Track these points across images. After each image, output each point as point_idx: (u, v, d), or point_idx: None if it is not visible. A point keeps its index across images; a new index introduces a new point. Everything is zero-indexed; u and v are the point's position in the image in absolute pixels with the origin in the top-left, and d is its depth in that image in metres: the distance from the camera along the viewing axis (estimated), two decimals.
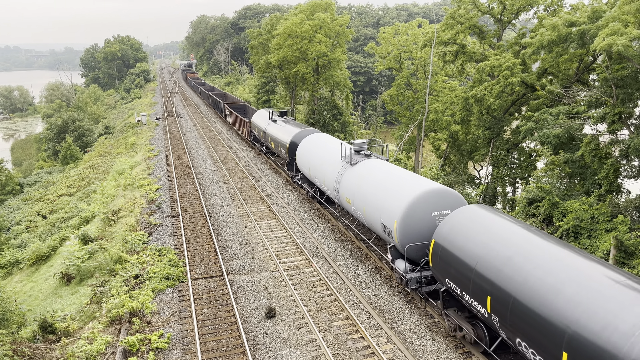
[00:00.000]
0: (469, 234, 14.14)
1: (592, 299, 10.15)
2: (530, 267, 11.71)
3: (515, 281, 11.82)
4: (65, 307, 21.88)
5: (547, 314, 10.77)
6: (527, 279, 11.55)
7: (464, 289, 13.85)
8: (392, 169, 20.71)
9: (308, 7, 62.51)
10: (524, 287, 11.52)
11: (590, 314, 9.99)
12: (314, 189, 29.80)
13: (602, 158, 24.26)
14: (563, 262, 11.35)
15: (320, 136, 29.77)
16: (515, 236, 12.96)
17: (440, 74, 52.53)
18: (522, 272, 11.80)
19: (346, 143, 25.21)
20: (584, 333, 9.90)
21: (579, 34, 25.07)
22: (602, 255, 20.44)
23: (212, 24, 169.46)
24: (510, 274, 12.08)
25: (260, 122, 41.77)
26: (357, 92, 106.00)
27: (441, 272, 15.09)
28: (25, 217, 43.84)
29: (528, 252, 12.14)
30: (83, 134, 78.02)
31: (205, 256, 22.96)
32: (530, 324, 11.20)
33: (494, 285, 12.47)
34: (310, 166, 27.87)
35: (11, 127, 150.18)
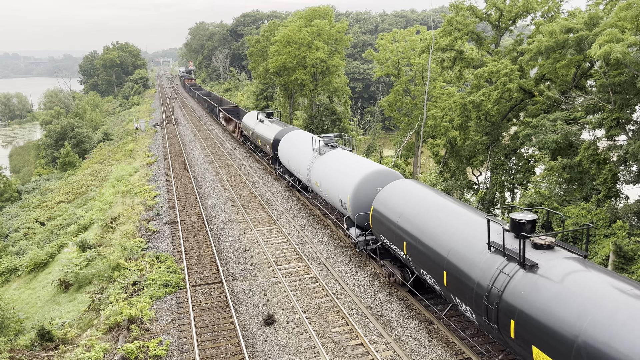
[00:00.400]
0: (396, 200, 18.45)
1: (463, 231, 14.63)
2: (429, 218, 16.25)
3: (419, 229, 16.34)
4: (63, 315, 21.79)
5: (435, 247, 15.24)
6: (427, 226, 16.11)
7: (391, 240, 18.23)
8: (351, 156, 24.70)
9: (306, 13, 62.77)
10: (424, 232, 16.07)
11: (460, 242, 14.35)
12: (292, 178, 33.59)
13: (601, 163, 24.31)
14: (449, 211, 15.99)
15: (299, 132, 33.75)
16: (426, 199, 17.34)
17: (439, 80, 52.70)
18: (424, 222, 16.33)
19: (317, 137, 28.82)
20: (455, 255, 14.24)
21: (576, 40, 25.20)
22: (601, 260, 20.44)
23: (211, 31, 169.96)
24: (417, 224, 16.55)
25: (250, 123, 45.57)
26: (355, 98, 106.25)
27: (377, 231, 19.49)
28: (23, 224, 43.72)
29: (430, 210, 16.57)
30: (82, 141, 77.99)
31: (203, 263, 22.90)
32: (427, 256, 15.66)
33: (407, 233, 16.92)
34: (289, 158, 31.86)
35: (10, 134, 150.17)
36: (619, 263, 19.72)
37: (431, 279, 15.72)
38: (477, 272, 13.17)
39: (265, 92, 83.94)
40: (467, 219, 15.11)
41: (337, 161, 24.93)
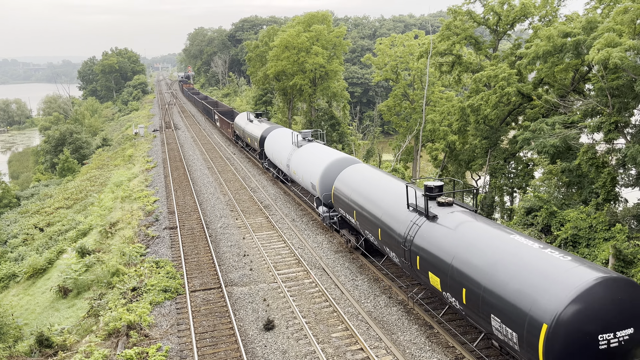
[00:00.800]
0: (350, 179, 22.52)
1: (392, 198, 18.65)
2: (370, 191, 20.43)
3: (365, 198, 20.40)
4: (62, 321, 21.72)
5: (373, 211, 19.47)
6: (369, 197, 20.22)
7: (347, 211, 22.22)
8: (323, 148, 28.57)
9: (305, 19, 62.93)
10: (367, 201, 20.17)
11: (390, 205, 18.48)
12: (276, 170, 38.09)
13: (599, 167, 24.32)
14: (385, 184, 20.21)
15: (282, 129, 37.90)
16: (370, 177, 21.52)
17: (437, 84, 52.81)
18: (367, 194, 20.48)
19: (296, 132, 33.41)
20: (386, 215, 18.35)
21: (574, 45, 25.28)
22: (601, 264, 20.43)
23: (210, 36, 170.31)
24: (363, 196, 20.68)
25: (241, 123, 49.80)
26: (354, 102, 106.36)
27: (337, 205, 23.51)
28: (22, 230, 43.64)
29: (372, 184, 20.85)
30: (80, 147, 77.99)
31: (203, 268, 22.86)
32: (369, 219, 19.80)
33: (356, 204, 20.99)
34: (273, 152, 36.13)
35: (8, 140, 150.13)
36: (618, 266, 19.71)
37: (372, 237, 20.09)
38: (399, 225, 17.37)
39: (264, 97, 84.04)
40: (396, 189, 19.11)
41: (310, 152, 29.07)
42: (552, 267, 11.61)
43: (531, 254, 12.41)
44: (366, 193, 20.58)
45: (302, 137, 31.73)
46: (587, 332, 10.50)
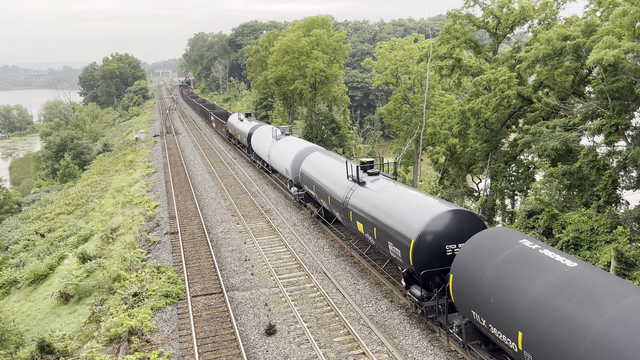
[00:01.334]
0: (312, 163, 28.58)
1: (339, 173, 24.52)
2: (325, 169, 26.38)
3: (321, 175, 26.43)
4: (64, 327, 21.69)
5: (325, 184, 25.55)
6: (324, 173, 26.22)
7: (309, 187, 28.18)
8: (295, 140, 35.16)
9: (305, 23, 63.06)
10: (322, 177, 26.17)
11: (336, 178, 24.49)
12: (261, 161, 44.16)
13: (600, 169, 24.31)
14: (335, 163, 26.31)
15: (266, 126, 44.28)
16: (326, 160, 27.64)
17: (437, 87, 52.85)
18: (323, 172, 26.43)
19: (276, 127, 40.25)
20: (334, 186, 24.20)
21: (574, 48, 25.31)
22: (603, 266, 20.38)
23: (210, 41, 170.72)
24: (320, 173, 26.69)
25: (233, 122, 56.26)
26: (354, 106, 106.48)
27: (303, 184, 29.48)
28: (23, 236, 43.65)
29: (326, 164, 27.03)
30: (81, 152, 78.08)
31: (204, 273, 22.84)
32: (323, 190, 25.64)
33: (315, 180, 26.89)
34: (258, 145, 42.35)
35: (9, 146, 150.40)
36: (620, 269, 19.67)
37: (325, 204, 25.77)
38: (340, 190, 23.33)
39: (265, 101, 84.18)
40: (342, 167, 24.67)
41: (285, 143, 35.53)
42: (424, 206, 17.36)
43: (415, 200, 18.19)
44: (322, 171, 26.56)
45: (280, 132, 38.39)
46: (439, 243, 16.31)
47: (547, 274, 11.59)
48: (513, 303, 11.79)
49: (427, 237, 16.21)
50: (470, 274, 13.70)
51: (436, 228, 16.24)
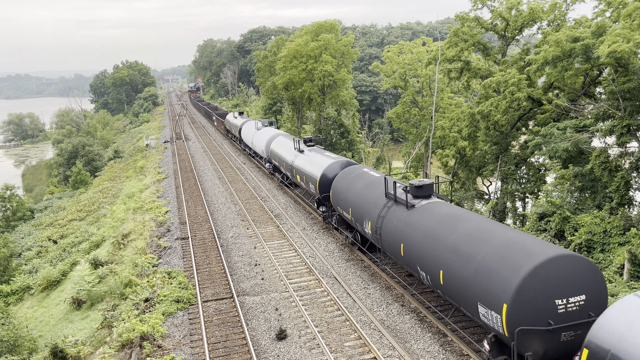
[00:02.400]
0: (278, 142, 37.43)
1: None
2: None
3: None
4: (76, 332, 21.84)
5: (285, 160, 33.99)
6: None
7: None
8: (270, 130, 45.19)
9: (313, 28, 63.27)
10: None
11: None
12: (249, 148, 53.77)
13: (612, 171, 24.08)
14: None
15: (252, 121, 54.08)
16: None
17: (446, 90, 52.71)
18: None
19: (257, 121, 50.82)
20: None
21: (583, 49, 25.13)
22: (616, 269, 20.16)
23: (219, 48, 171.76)
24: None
25: (229, 119, 67.31)
26: (363, 110, 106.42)
27: (273, 159, 37.77)
28: (36, 242, 44.10)
29: (284, 146, 36.14)
30: (93, 159, 78.80)
31: (215, 278, 22.90)
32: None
33: (279, 159, 35.83)
34: (246, 136, 53.47)
35: (22, 153, 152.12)
36: (634, 271, 19.43)
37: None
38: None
39: (274, 107, 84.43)
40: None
41: (263, 133, 45.70)
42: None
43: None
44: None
45: (261, 125, 49.59)
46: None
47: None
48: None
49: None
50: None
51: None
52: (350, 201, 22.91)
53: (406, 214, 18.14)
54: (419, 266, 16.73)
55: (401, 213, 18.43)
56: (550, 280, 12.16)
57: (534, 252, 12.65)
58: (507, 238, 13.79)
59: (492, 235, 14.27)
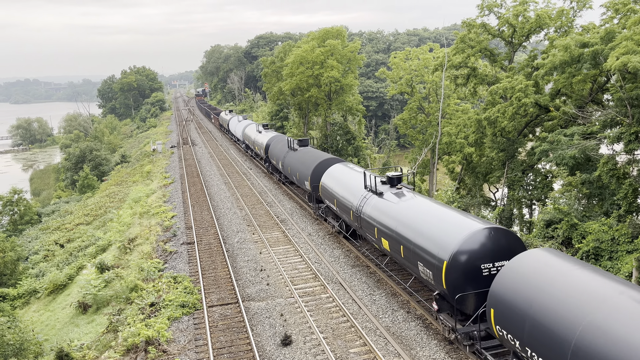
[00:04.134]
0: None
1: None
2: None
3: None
4: (82, 336, 21.89)
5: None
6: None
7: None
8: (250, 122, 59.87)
9: (319, 34, 63.45)
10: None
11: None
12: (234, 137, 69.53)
13: (620, 178, 23.90)
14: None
15: (237, 116, 71.66)
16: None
17: (453, 97, 52.62)
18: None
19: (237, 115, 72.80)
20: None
21: (592, 55, 25.04)
22: (624, 277, 19.97)
23: (226, 53, 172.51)
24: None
25: (222, 116, 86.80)
26: (369, 116, 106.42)
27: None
28: (43, 246, 44.30)
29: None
30: (100, 163, 79.25)
31: (220, 283, 22.90)
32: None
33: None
34: (235, 128, 68.84)
35: (30, 157, 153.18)
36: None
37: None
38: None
39: (281, 112, 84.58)
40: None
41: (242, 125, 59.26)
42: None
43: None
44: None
45: (242, 118, 68.73)
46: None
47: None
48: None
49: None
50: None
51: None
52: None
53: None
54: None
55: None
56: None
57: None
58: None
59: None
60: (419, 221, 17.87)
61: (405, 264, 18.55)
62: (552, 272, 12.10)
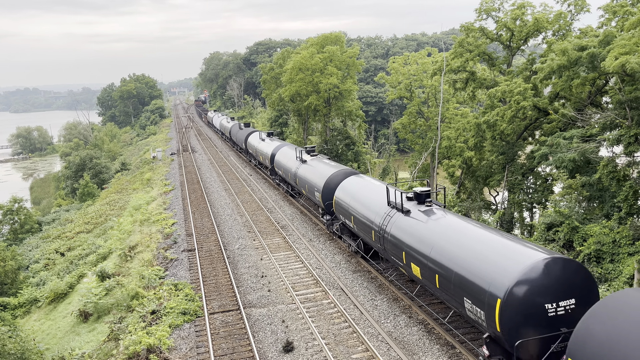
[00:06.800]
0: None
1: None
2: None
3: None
4: (83, 345, 21.83)
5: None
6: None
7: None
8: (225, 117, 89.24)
9: (318, 40, 63.64)
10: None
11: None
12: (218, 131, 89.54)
13: (621, 180, 23.90)
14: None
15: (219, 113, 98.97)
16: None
17: (452, 101, 52.72)
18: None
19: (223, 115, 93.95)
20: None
21: (589, 58, 25.10)
22: (625, 279, 19.94)
23: (225, 60, 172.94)
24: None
25: (209, 114, 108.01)
26: (368, 121, 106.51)
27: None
28: (43, 255, 44.24)
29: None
30: (100, 171, 79.22)
31: (221, 290, 22.86)
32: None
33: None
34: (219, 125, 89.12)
35: (30, 166, 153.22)
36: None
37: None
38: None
39: (280, 118, 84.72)
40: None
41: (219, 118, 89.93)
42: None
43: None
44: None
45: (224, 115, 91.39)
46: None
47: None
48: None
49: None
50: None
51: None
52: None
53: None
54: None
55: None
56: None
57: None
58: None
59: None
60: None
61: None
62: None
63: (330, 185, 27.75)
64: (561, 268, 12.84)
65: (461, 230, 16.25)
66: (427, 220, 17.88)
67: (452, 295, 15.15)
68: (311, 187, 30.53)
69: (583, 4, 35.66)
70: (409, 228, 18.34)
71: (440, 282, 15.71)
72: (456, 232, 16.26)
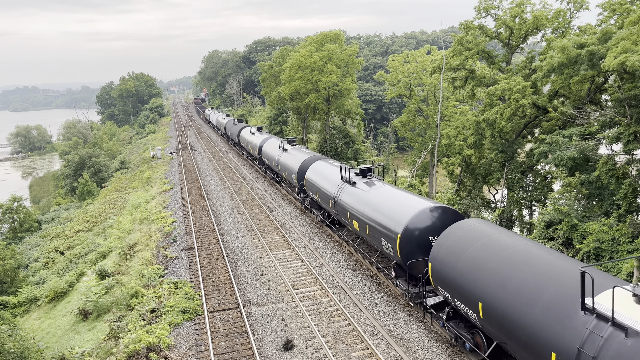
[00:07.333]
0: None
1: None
2: (217, 117, 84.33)
3: (218, 120, 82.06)
4: (83, 344, 21.83)
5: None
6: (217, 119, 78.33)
7: (209, 124, 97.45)
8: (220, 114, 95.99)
9: (317, 38, 63.59)
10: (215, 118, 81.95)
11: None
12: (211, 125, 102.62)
13: (620, 178, 23.92)
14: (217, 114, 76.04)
15: (215, 110, 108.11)
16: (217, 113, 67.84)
17: (451, 99, 52.71)
18: (217, 119, 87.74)
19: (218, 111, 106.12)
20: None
21: (588, 55, 25.10)
22: (625, 277, 19.96)
23: (224, 58, 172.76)
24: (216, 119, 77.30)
25: (206, 112, 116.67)
26: (368, 119, 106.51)
27: (209, 117, 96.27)
28: (43, 253, 44.22)
29: (218, 115, 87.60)
30: (99, 170, 79.18)
31: (221, 288, 22.87)
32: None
33: (210, 116, 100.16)
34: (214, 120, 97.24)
35: (30, 165, 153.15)
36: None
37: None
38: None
39: (279, 117, 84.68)
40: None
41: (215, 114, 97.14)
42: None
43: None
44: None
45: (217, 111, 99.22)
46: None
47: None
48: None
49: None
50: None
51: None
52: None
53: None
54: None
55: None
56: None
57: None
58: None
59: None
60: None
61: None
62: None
63: (303, 169, 33.64)
64: (442, 213, 18.59)
65: (386, 193, 21.95)
66: (368, 189, 23.37)
67: (376, 238, 20.91)
68: (289, 171, 36.53)
69: (582, 1, 35.63)
70: (353, 194, 24.12)
71: (369, 230, 21.49)
72: (382, 195, 21.97)
